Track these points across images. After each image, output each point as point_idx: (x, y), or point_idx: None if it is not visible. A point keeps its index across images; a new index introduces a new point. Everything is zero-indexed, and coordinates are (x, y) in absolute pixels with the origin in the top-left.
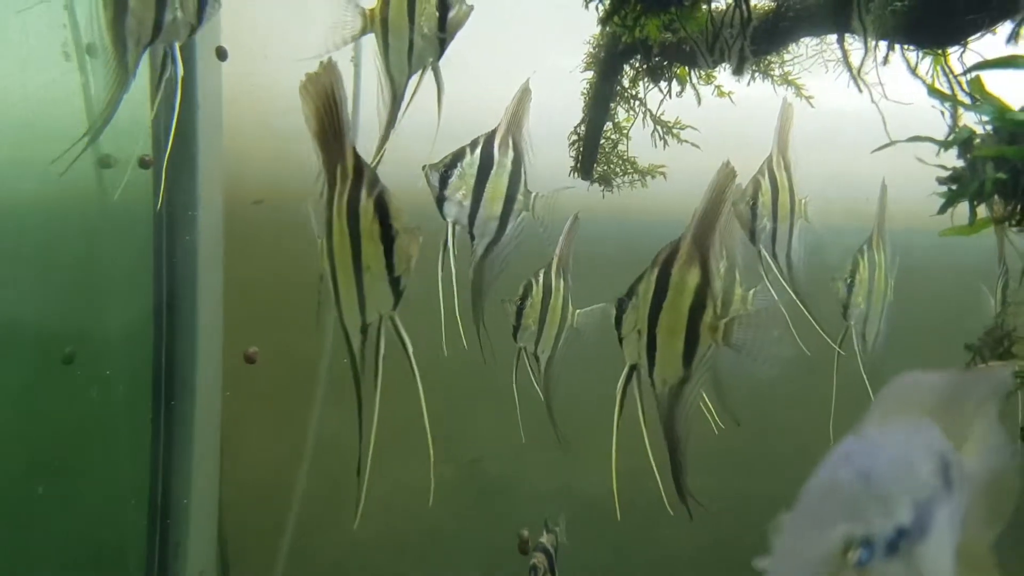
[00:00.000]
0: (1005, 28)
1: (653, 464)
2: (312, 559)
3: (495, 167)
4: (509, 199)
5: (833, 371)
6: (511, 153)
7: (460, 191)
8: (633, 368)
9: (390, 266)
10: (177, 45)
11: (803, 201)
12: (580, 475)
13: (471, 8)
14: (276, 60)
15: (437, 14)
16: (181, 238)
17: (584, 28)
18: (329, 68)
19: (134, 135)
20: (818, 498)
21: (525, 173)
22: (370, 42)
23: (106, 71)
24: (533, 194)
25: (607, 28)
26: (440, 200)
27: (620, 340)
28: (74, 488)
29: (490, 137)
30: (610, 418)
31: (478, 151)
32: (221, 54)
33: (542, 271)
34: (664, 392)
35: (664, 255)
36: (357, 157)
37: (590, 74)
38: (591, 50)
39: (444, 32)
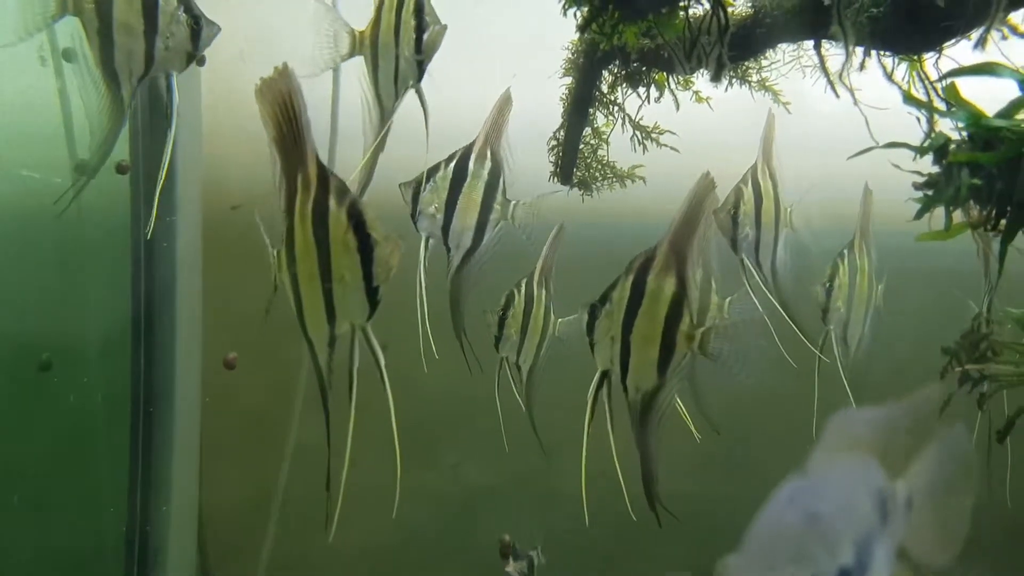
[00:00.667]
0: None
1: (619, 472)
2: (293, 566)
3: (469, 178)
4: (485, 209)
5: (815, 378)
6: (488, 163)
7: (433, 204)
8: (605, 375)
9: (368, 276)
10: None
11: (788, 209)
12: (566, 480)
13: (444, 28)
14: (255, 65)
15: (414, 36)
16: (159, 244)
17: (564, 33)
18: (285, 72)
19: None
20: (765, 540)
21: (504, 182)
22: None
23: (99, 107)
24: (512, 202)
25: (585, 35)
26: (414, 214)
27: (591, 346)
28: (51, 496)
29: (467, 150)
30: (582, 422)
31: (452, 164)
32: (199, 59)
33: (524, 281)
34: (636, 400)
35: (639, 262)
36: (320, 165)
37: (569, 79)
38: (570, 56)
39: (420, 54)
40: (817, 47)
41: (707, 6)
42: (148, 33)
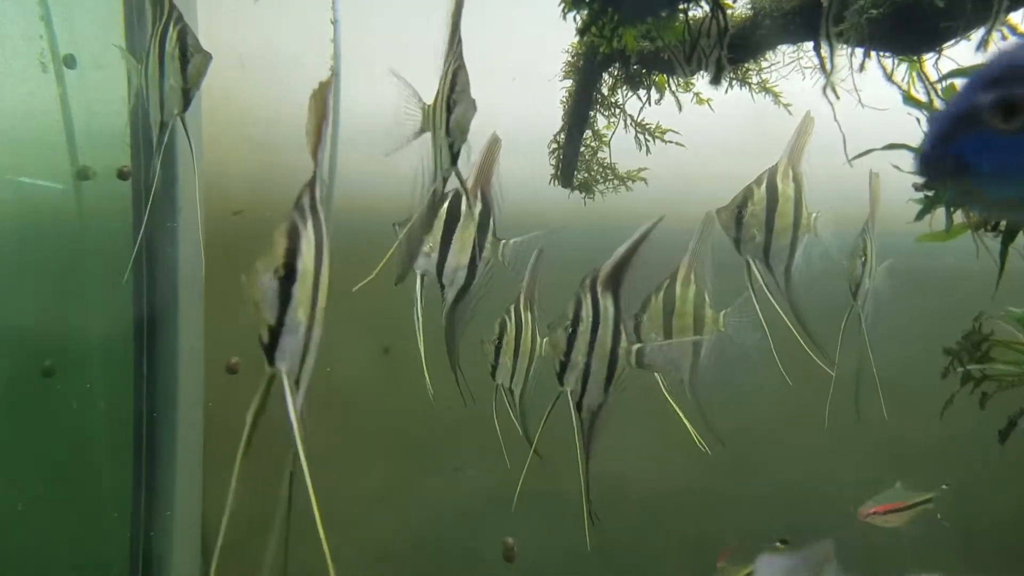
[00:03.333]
0: (979, 34)
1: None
2: (297, 570)
3: (462, 219)
4: (476, 248)
5: (828, 395)
6: (479, 205)
7: (428, 244)
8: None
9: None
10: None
11: (812, 215)
12: (570, 484)
13: (473, 105)
14: (254, 71)
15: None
16: (161, 250)
17: (564, 35)
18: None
19: (113, 147)
20: None
21: (494, 223)
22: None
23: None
24: (503, 242)
25: (585, 38)
26: (412, 252)
27: (563, 367)
28: (55, 502)
29: (458, 191)
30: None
31: (445, 205)
32: None
33: (512, 307)
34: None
35: (590, 280)
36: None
37: (569, 82)
38: (570, 59)
39: (451, 137)
40: (816, 48)
41: (706, 8)
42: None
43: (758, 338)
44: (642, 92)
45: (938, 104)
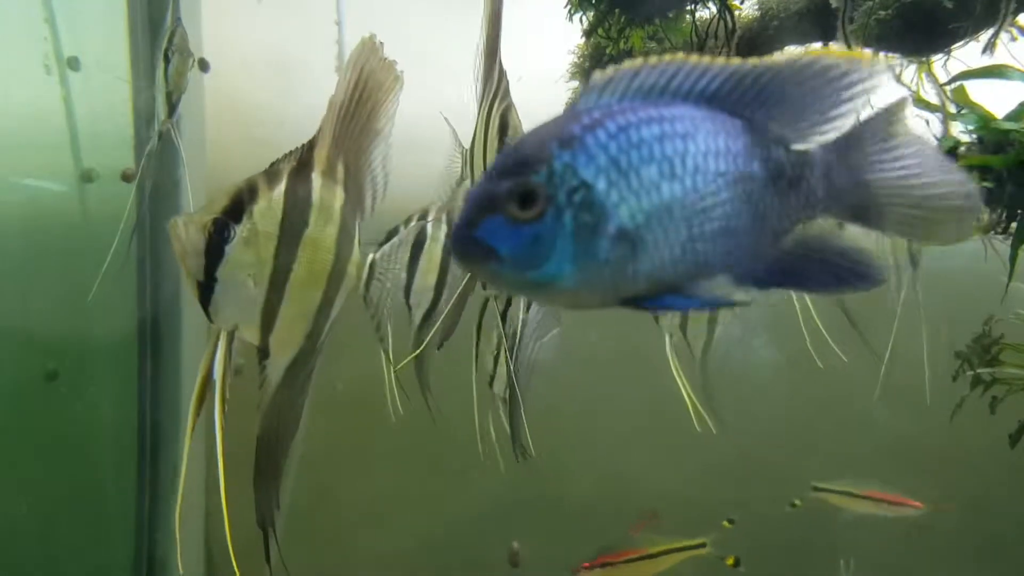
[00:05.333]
0: (988, 35)
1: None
2: (301, 573)
3: (428, 240)
4: (443, 270)
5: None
6: (443, 227)
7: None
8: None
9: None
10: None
11: None
12: (573, 486)
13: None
14: (259, 72)
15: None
16: (165, 252)
17: (570, 34)
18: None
19: (117, 149)
20: None
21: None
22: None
23: None
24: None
25: (591, 39)
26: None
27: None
28: (58, 505)
29: (424, 214)
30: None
31: (411, 225)
32: (203, 66)
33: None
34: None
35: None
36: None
37: (575, 83)
38: (576, 60)
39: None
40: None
41: (714, 9)
42: None
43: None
44: None
45: (950, 108)
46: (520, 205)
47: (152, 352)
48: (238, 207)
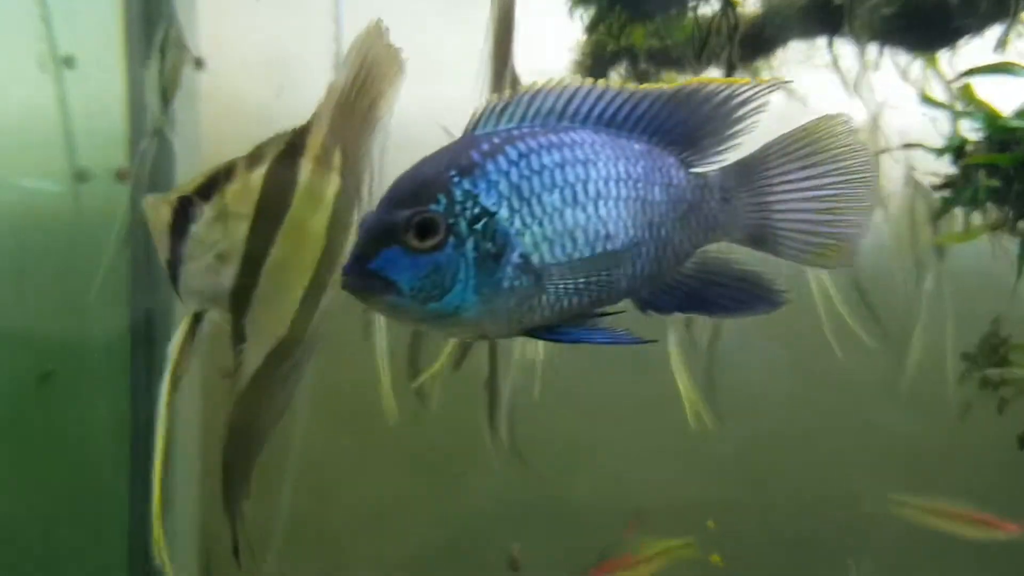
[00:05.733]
0: (994, 31)
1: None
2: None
3: None
4: None
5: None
6: None
7: None
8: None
9: None
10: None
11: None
12: (574, 489)
13: None
14: (255, 70)
15: None
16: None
17: (572, 31)
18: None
19: (111, 148)
20: None
21: None
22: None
23: None
24: None
25: (592, 36)
26: None
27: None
28: (53, 507)
29: None
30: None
31: None
32: (199, 64)
33: None
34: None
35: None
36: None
37: None
38: (577, 57)
39: None
40: (829, 45)
41: (716, 6)
42: None
43: None
44: None
45: (958, 106)
46: (419, 235)
47: (147, 352)
48: (210, 187)
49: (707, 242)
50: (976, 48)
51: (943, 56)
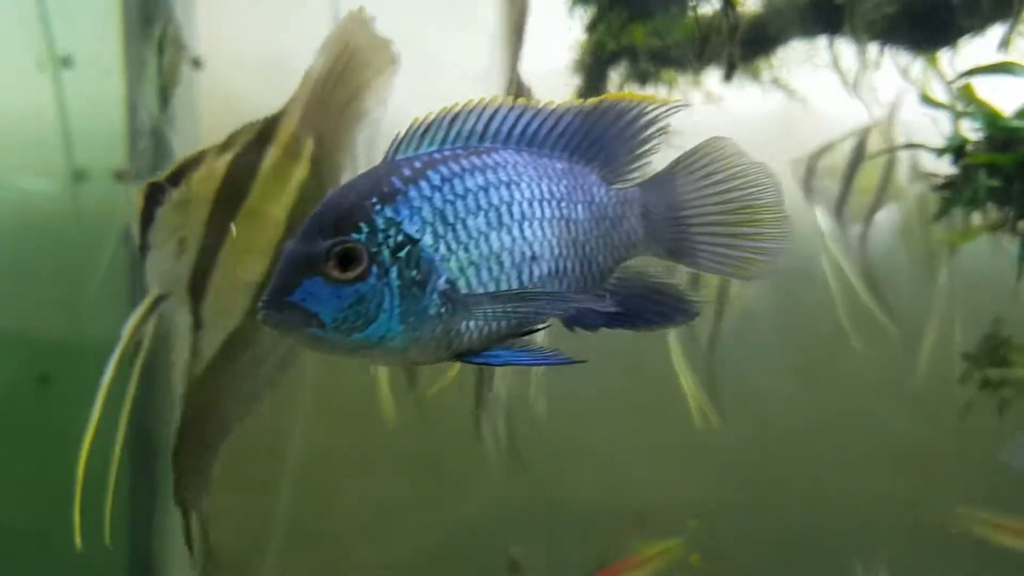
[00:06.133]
0: (995, 31)
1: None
2: None
3: None
4: None
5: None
6: None
7: None
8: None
9: None
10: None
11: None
12: (575, 490)
13: None
14: (253, 69)
15: None
16: None
17: (571, 31)
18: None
19: (109, 148)
20: None
21: None
22: None
23: None
24: None
25: (592, 35)
26: None
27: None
28: (52, 508)
29: None
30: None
31: None
32: (197, 63)
33: None
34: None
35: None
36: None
37: (577, 80)
38: (576, 57)
39: None
40: (830, 44)
41: (716, 5)
42: None
43: None
44: (650, 90)
45: (959, 106)
46: (340, 266)
47: (145, 352)
48: (180, 173)
49: (629, 257)
50: (977, 48)
51: (944, 56)
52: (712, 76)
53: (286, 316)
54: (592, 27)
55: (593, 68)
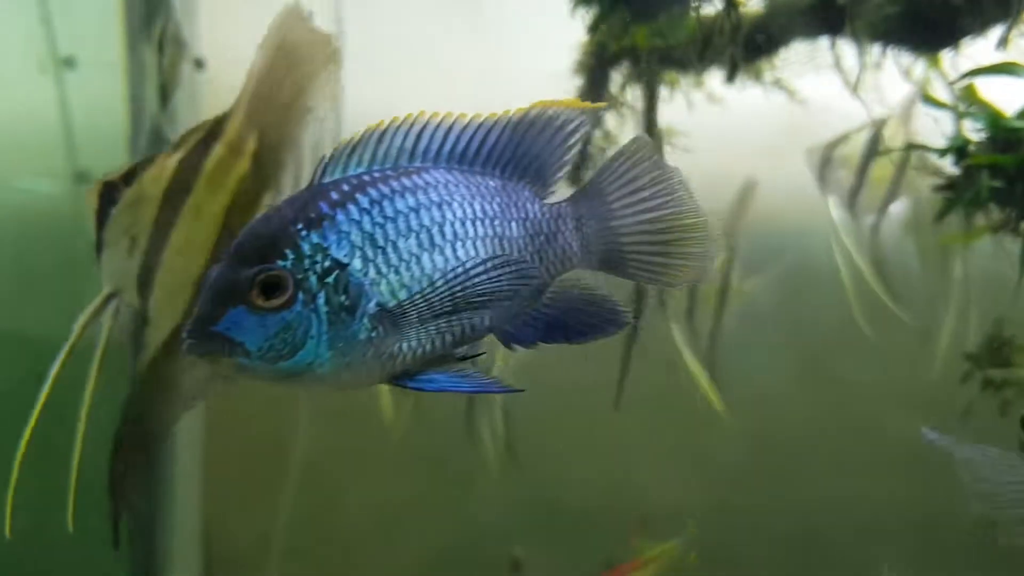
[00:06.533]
0: (996, 31)
1: None
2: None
3: None
4: None
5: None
6: None
7: None
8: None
9: None
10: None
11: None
12: (575, 491)
13: None
14: None
15: None
16: None
17: (573, 30)
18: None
19: (112, 149)
20: None
21: None
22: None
23: None
24: None
25: (594, 36)
26: None
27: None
28: (53, 509)
29: None
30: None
31: None
32: (199, 64)
33: None
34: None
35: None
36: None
37: (579, 81)
38: (579, 57)
39: None
40: (832, 45)
41: (719, 5)
42: None
43: None
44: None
45: (961, 107)
46: (265, 294)
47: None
48: (133, 172)
49: (564, 271)
50: (979, 48)
51: (946, 56)
52: (715, 77)
53: (210, 346)
54: (594, 28)
55: (595, 69)
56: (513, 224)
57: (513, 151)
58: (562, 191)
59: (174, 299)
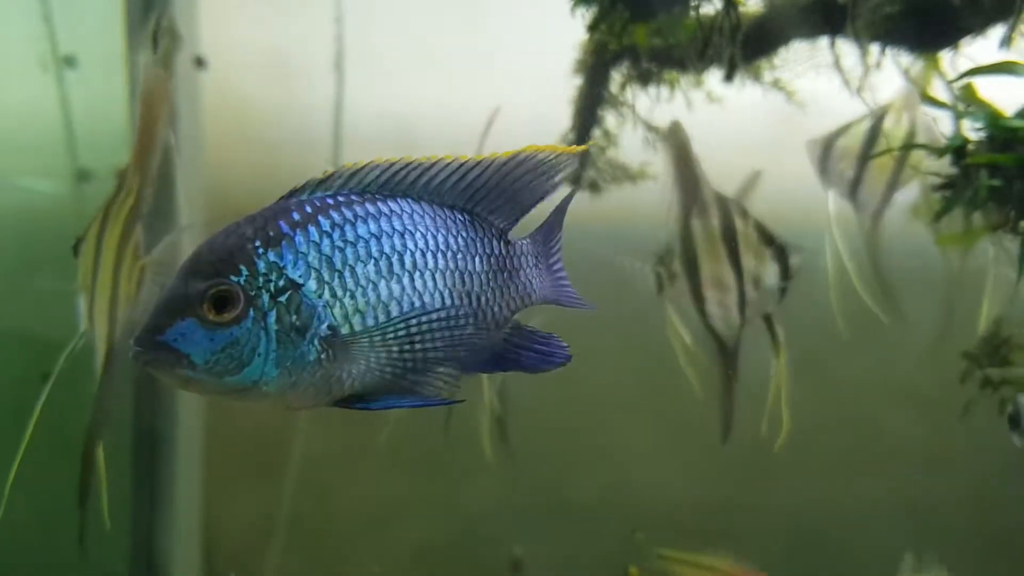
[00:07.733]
0: (996, 31)
1: None
2: None
3: None
4: None
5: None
6: None
7: None
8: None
9: None
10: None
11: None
12: (577, 492)
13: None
14: (257, 69)
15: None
16: None
17: (573, 31)
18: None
19: (113, 148)
20: None
21: None
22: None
23: None
24: None
25: (594, 35)
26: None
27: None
28: (54, 510)
29: None
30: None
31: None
32: (200, 63)
33: None
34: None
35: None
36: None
37: (579, 80)
38: (578, 57)
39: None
40: (832, 45)
41: (718, 5)
42: None
43: None
44: (652, 89)
45: (960, 106)
46: (216, 308)
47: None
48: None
49: (524, 307)
50: (978, 48)
51: (945, 55)
52: (714, 76)
53: (156, 356)
54: (594, 27)
55: (595, 68)
56: (476, 259)
57: (491, 189)
58: (561, 191)
59: (98, 321)
